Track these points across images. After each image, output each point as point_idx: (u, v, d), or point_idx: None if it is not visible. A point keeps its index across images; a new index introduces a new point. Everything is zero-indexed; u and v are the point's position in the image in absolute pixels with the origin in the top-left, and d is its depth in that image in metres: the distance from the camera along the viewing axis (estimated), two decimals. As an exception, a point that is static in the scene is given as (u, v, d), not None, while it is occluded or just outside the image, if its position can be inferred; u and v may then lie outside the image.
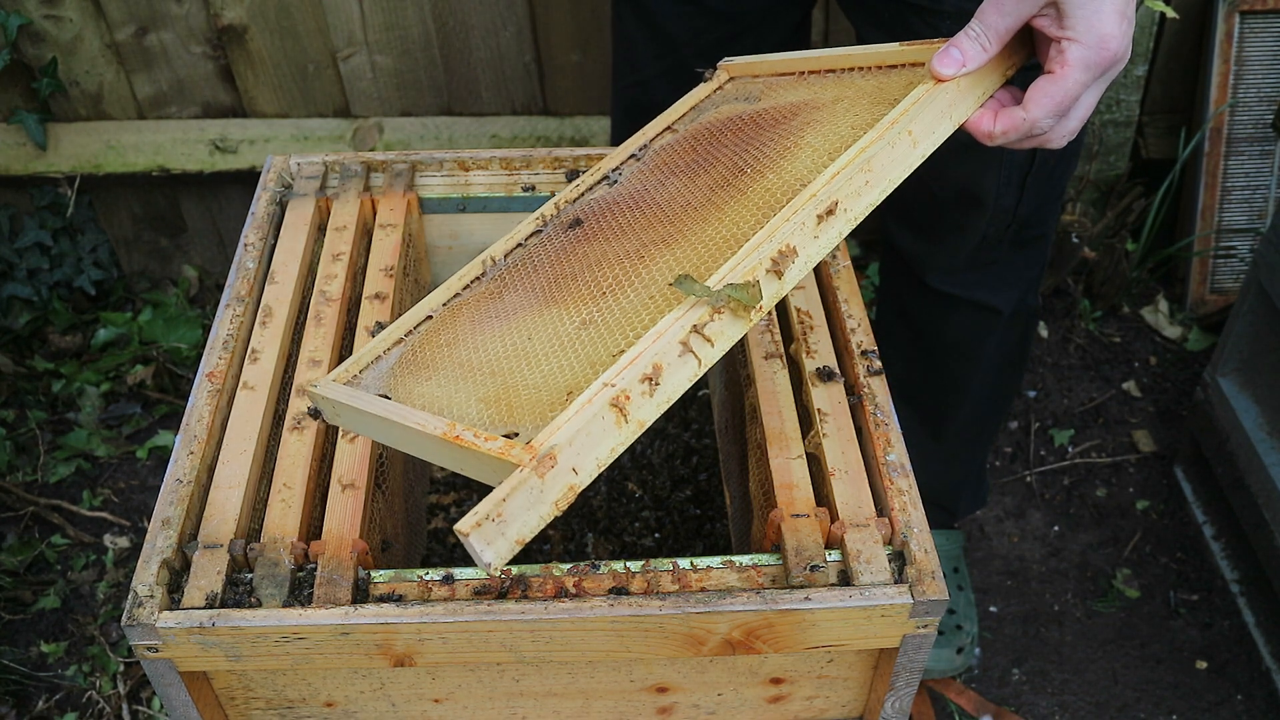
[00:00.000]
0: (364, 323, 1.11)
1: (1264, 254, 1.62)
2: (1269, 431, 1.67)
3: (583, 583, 0.89)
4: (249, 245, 1.18)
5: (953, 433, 1.58)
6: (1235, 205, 2.09)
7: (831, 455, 0.97)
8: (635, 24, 1.32)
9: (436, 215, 1.29)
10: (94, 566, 1.81)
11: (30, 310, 2.09)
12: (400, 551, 1.12)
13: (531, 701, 0.98)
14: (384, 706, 0.98)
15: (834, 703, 1.01)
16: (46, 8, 1.87)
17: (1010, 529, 1.88)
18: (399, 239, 1.19)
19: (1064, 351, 2.14)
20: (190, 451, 0.97)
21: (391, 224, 1.21)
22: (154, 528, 0.91)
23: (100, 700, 1.63)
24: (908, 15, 1.18)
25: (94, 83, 1.96)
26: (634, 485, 1.36)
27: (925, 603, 0.87)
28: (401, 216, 1.22)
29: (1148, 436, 2.00)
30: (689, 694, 0.99)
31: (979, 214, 1.32)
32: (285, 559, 0.89)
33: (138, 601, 0.86)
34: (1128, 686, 1.67)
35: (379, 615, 0.85)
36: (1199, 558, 1.83)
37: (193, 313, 2.13)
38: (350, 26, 1.92)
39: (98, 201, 2.11)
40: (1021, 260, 1.40)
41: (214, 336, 1.08)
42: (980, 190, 1.29)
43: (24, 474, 1.92)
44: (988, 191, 1.29)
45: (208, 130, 2.02)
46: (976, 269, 1.39)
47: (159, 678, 0.89)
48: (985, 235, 1.34)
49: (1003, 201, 1.30)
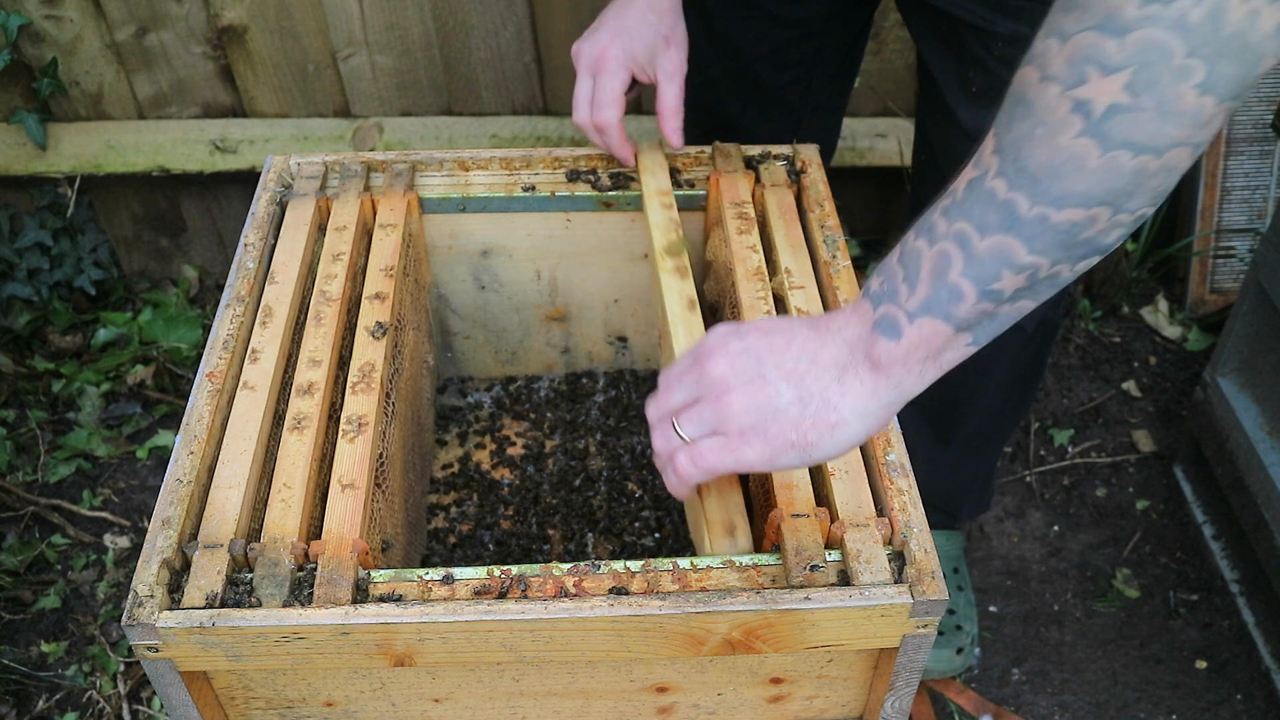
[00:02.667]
0: (364, 322, 1.11)
1: (1264, 254, 1.62)
2: (1269, 431, 1.67)
3: (583, 583, 0.89)
4: (249, 245, 1.18)
5: (961, 441, 1.57)
6: (1235, 205, 2.09)
7: (831, 455, 0.97)
8: (698, 26, 1.31)
9: (436, 215, 1.30)
10: (94, 566, 1.81)
11: (30, 310, 2.09)
12: (400, 551, 1.12)
13: (531, 701, 0.98)
14: (384, 706, 0.98)
15: (834, 702, 1.01)
16: (47, 8, 1.87)
17: (1010, 529, 1.88)
18: (399, 239, 1.19)
19: (1064, 351, 2.14)
20: (190, 451, 0.97)
21: (392, 224, 1.21)
22: (154, 527, 0.91)
23: (100, 700, 1.63)
24: (963, 32, 1.18)
25: (94, 83, 1.96)
26: (634, 485, 1.36)
27: (925, 603, 0.87)
28: (402, 216, 1.22)
29: (1147, 436, 2.00)
30: (689, 694, 0.99)
31: None
32: (285, 559, 0.89)
33: (138, 601, 0.86)
34: (1127, 686, 1.67)
35: (379, 615, 0.85)
36: (1199, 558, 1.83)
37: (193, 313, 2.13)
38: (350, 26, 1.92)
39: (98, 201, 2.11)
40: None
41: (214, 336, 1.08)
42: None
43: (24, 474, 1.92)
44: None
45: (208, 130, 2.02)
46: None
47: (159, 677, 0.89)
48: None
49: None
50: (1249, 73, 0.62)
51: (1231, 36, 0.60)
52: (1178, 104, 0.62)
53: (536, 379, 1.50)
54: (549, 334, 1.45)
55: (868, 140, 2.09)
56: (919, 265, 0.73)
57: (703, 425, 0.81)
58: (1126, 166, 0.64)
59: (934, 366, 0.76)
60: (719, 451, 0.80)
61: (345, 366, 1.12)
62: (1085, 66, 0.63)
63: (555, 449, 1.42)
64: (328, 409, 1.05)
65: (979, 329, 0.74)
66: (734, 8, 1.32)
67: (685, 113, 1.36)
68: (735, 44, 1.35)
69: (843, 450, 0.78)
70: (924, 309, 0.73)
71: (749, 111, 1.42)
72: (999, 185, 0.68)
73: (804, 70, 1.37)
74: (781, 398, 0.77)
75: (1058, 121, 0.65)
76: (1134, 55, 0.62)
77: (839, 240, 1.19)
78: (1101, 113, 0.63)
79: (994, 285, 0.70)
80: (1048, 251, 0.68)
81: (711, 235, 1.29)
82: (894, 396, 0.76)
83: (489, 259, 1.35)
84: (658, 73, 1.19)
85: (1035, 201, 0.67)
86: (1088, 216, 0.67)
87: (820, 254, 1.18)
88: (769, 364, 0.78)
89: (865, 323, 0.76)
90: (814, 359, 0.77)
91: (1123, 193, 0.66)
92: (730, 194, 1.23)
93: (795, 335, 0.79)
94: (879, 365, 0.75)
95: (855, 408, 0.76)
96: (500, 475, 1.39)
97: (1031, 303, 0.73)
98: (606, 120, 1.18)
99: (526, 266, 1.36)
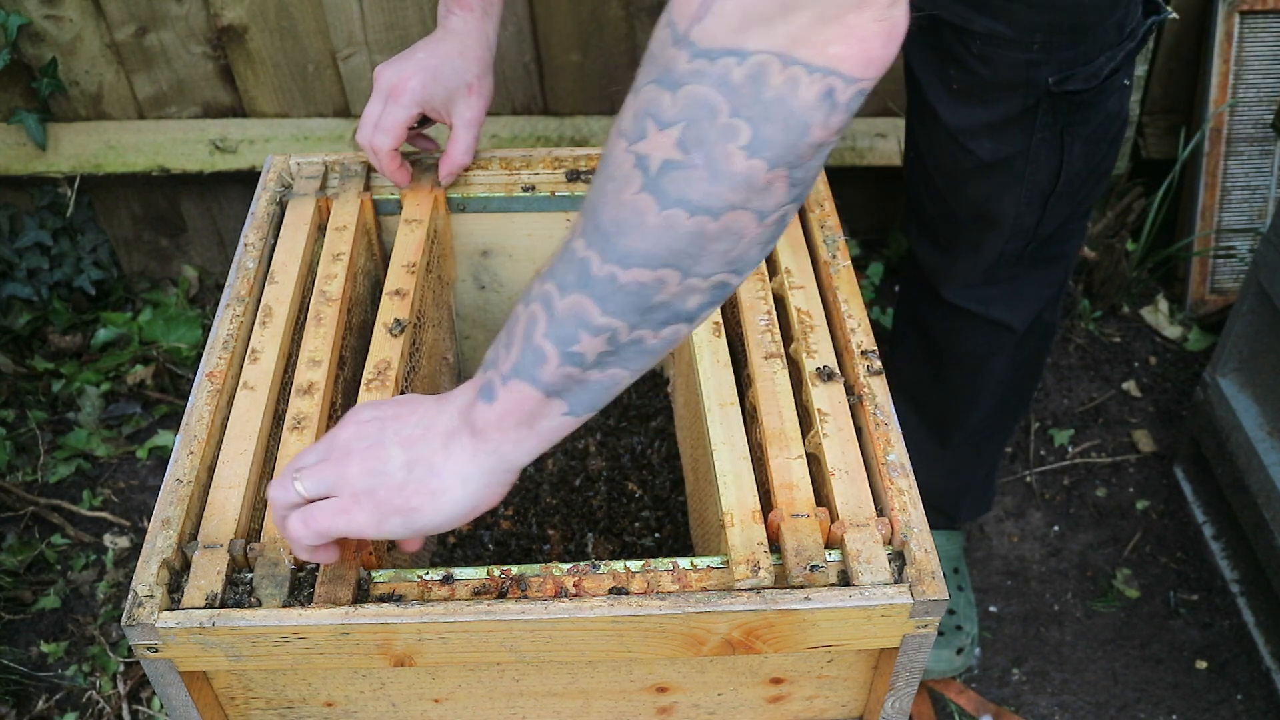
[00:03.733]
0: (382, 319, 1.10)
1: (1264, 254, 1.62)
2: (1269, 431, 1.67)
3: (583, 583, 0.89)
4: (249, 245, 1.18)
5: (959, 441, 1.57)
6: (1235, 205, 2.09)
7: (831, 455, 0.97)
8: None
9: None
10: (94, 566, 1.81)
11: (30, 310, 2.09)
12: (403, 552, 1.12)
13: (531, 701, 0.98)
14: (384, 706, 0.98)
15: (834, 703, 1.01)
16: (46, 7, 1.87)
17: (1010, 529, 1.88)
18: (424, 235, 1.19)
19: (1064, 351, 2.14)
20: (190, 451, 0.97)
21: (417, 219, 1.21)
22: (154, 527, 0.91)
23: (100, 700, 1.63)
24: (944, 32, 1.18)
25: (94, 83, 1.96)
26: (634, 485, 1.36)
27: (925, 603, 0.87)
28: (427, 212, 1.22)
29: (1148, 436, 2.00)
30: (689, 694, 0.99)
31: (995, 234, 1.31)
32: (285, 559, 0.89)
33: (137, 601, 0.86)
34: (1128, 686, 1.67)
35: (379, 615, 0.85)
36: (1199, 558, 1.83)
37: (193, 313, 2.13)
38: (350, 26, 1.92)
39: (98, 201, 2.11)
40: (1040, 277, 1.38)
41: (214, 336, 1.08)
42: (998, 212, 1.28)
43: (24, 474, 1.92)
44: (1006, 214, 1.28)
45: (208, 130, 2.02)
46: (993, 285, 1.38)
47: (159, 678, 0.89)
48: (1003, 253, 1.33)
49: (1023, 221, 1.29)
50: (798, 140, 0.60)
51: (773, 101, 0.59)
52: (727, 164, 0.61)
53: (536, 379, 1.49)
54: (549, 334, 1.45)
55: (868, 140, 2.09)
56: (515, 328, 0.73)
57: (320, 484, 0.80)
58: (683, 226, 0.63)
59: (532, 435, 0.75)
60: (331, 513, 0.79)
61: (345, 366, 1.12)
62: (645, 121, 0.62)
63: (555, 449, 1.42)
64: (328, 409, 1.05)
65: (570, 396, 0.72)
66: None
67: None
68: None
69: (448, 518, 0.78)
70: (514, 372, 0.72)
71: None
72: (579, 244, 0.67)
73: None
74: (392, 463, 0.78)
75: (623, 176, 0.64)
76: (684, 110, 0.61)
77: (839, 240, 1.19)
78: (657, 168, 0.62)
79: (574, 348, 0.69)
80: (621, 314, 0.67)
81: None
82: (493, 464, 0.76)
83: (489, 259, 1.35)
84: (454, 119, 1.20)
85: (605, 259, 0.66)
86: (655, 278, 0.65)
87: (820, 254, 1.18)
88: (389, 430, 0.79)
89: (474, 389, 0.76)
90: (428, 426, 0.78)
91: (685, 254, 0.64)
92: (730, 194, 1.23)
93: (420, 405, 0.80)
94: (477, 430, 0.75)
95: (457, 473, 0.76)
96: (500, 475, 1.39)
97: (624, 372, 0.71)
98: (379, 145, 1.18)
99: (526, 266, 1.36)
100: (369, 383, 1.04)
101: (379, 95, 1.18)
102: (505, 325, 0.74)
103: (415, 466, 0.77)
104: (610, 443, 1.41)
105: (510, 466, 0.77)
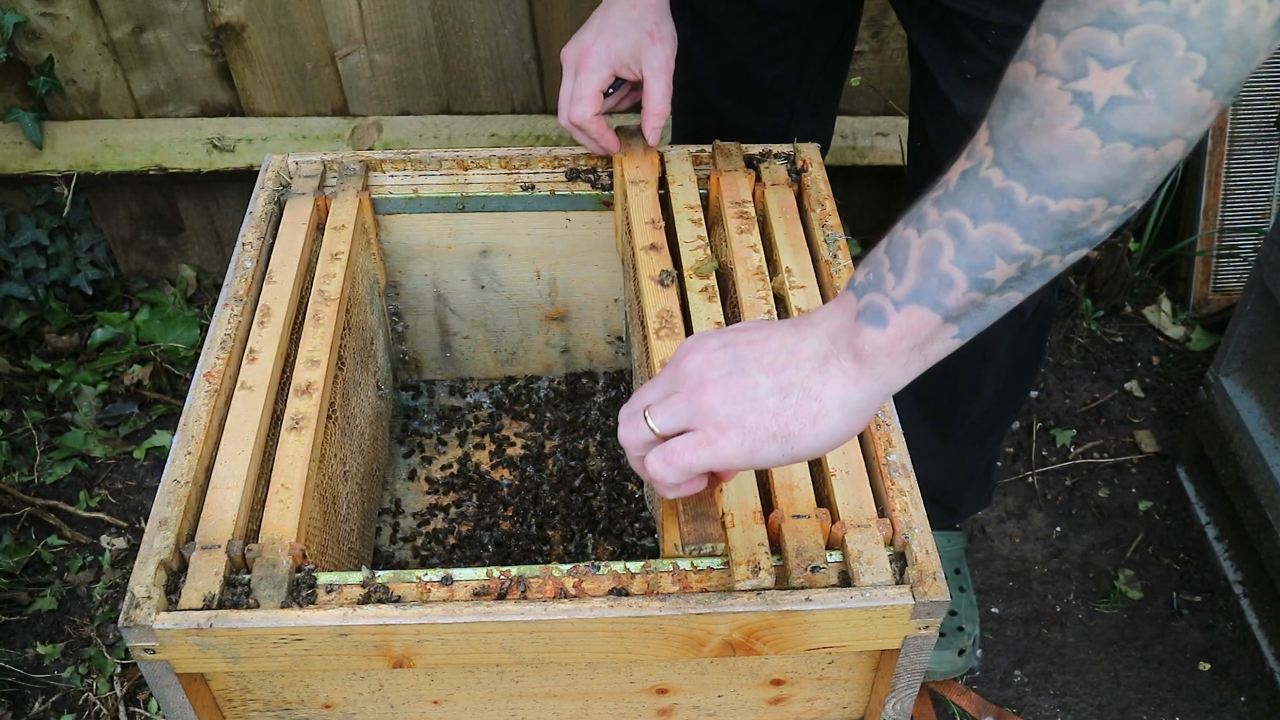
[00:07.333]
0: (648, 273, 1.12)
1: (1267, 253, 1.61)
2: (1272, 431, 1.67)
3: (582, 583, 0.88)
4: (247, 244, 1.17)
5: (963, 432, 1.57)
6: (1238, 204, 2.09)
7: (832, 455, 0.97)
8: (687, 22, 1.30)
9: (436, 214, 1.29)
10: (91, 567, 1.80)
11: (27, 310, 2.08)
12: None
13: (531, 703, 0.98)
14: (383, 708, 0.97)
15: (835, 704, 1.01)
16: (43, 5, 1.86)
17: (1012, 529, 1.87)
18: (653, 193, 1.22)
19: (1066, 351, 2.14)
20: (188, 452, 0.96)
21: (644, 180, 1.22)
22: (151, 528, 0.91)
23: (97, 702, 1.63)
24: (956, 22, 1.18)
25: (91, 81, 1.96)
26: (634, 486, 1.36)
27: (926, 604, 0.87)
28: (650, 173, 1.23)
29: (1150, 437, 2.00)
30: (689, 695, 0.98)
31: None
32: (283, 560, 0.88)
33: (135, 603, 0.85)
34: (1130, 688, 1.67)
35: (378, 616, 0.85)
36: (1202, 559, 1.82)
37: (190, 312, 2.12)
38: (349, 25, 1.91)
39: (95, 201, 2.10)
40: None
41: (212, 336, 1.07)
42: None
43: (20, 474, 1.91)
44: None
45: (205, 129, 2.01)
46: None
47: (156, 679, 0.88)
48: None
49: None
50: (1245, 67, 0.63)
51: (1231, 32, 0.61)
52: (1180, 97, 0.63)
53: (536, 379, 1.49)
54: (548, 334, 1.45)
55: (869, 139, 2.08)
56: (907, 254, 0.72)
57: (676, 418, 0.78)
58: (1126, 158, 0.65)
59: (919, 359, 0.74)
60: (694, 447, 0.76)
61: (343, 366, 1.11)
62: (1086, 60, 0.64)
63: (555, 449, 1.41)
64: (326, 409, 1.04)
65: (966, 320, 0.73)
66: (723, 1, 1.31)
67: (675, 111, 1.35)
68: (725, 37, 1.34)
69: (826, 443, 0.76)
70: (912, 297, 0.72)
71: (740, 108, 1.41)
72: (995, 174, 0.69)
73: (794, 64, 1.37)
74: (760, 388, 0.75)
75: (1057, 113, 0.66)
76: (1136, 49, 0.63)
77: (840, 240, 1.18)
78: (1103, 104, 0.64)
79: (986, 274, 0.70)
80: (1042, 241, 0.69)
81: (712, 234, 1.28)
82: (877, 388, 0.75)
83: (488, 258, 1.35)
84: (644, 69, 1.19)
85: (1033, 190, 0.67)
86: (1085, 207, 0.67)
87: (821, 253, 1.17)
88: (747, 357, 0.77)
89: (848, 313, 0.75)
90: (794, 352, 0.76)
91: (1120, 184, 0.66)
92: (730, 193, 1.23)
93: (774, 331, 0.78)
94: (863, 355, 0.74)
95: (837, 397, 0.75)
96: (500, 476, 1.39)
97: (1019, 294, 0.73)
98: (580, 115, 1.18)
99: (526, 266, 1.36)
100: (658, 331, 1.05)
101: (568, 71, 1.19)
102: (879, 249, 0.74)
103: (789, 392, 0.75)
104: (610, 443, 1.41)
105: (890, 391, 0.76)
